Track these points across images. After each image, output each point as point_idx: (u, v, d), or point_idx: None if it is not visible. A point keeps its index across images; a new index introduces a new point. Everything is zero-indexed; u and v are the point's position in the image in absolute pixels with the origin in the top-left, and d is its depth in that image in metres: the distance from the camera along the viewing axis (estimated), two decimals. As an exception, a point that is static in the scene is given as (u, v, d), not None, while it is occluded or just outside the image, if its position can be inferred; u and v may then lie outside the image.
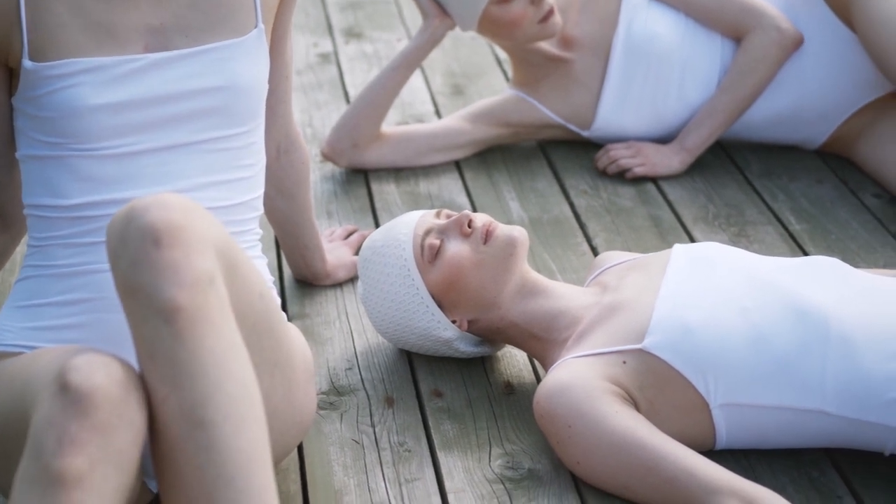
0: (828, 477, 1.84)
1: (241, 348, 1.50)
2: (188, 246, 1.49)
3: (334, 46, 3.57)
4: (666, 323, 1.83)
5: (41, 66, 1.71)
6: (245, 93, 1.78)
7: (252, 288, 1.62)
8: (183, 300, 1.47)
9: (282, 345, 1.70)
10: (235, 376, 1.48)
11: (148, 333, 1.48)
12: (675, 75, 2.79)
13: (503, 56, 3.46)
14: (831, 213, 2.63)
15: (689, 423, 1.83)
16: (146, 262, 1.48)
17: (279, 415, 1.71)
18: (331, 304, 2.30)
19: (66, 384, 1.46)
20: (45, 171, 1.75)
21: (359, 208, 2.66)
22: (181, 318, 1.47)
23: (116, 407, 1.47)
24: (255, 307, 1.62)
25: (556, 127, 2.88)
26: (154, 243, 1.48)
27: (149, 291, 1.47)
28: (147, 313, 1.48)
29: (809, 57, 2.75)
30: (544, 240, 2.52)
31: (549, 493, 1.81)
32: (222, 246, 1.55)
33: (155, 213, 1.49)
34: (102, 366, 1.48)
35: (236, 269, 1.58)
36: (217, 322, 1.49)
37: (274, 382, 1.69)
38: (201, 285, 1.48)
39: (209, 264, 1.50)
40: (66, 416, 1.45)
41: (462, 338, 2.05)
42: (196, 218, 1.51)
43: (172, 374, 1.47)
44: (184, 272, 1.47)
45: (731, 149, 2.90)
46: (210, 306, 1.48)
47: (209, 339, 1.47)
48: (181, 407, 1.47)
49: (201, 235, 1.51)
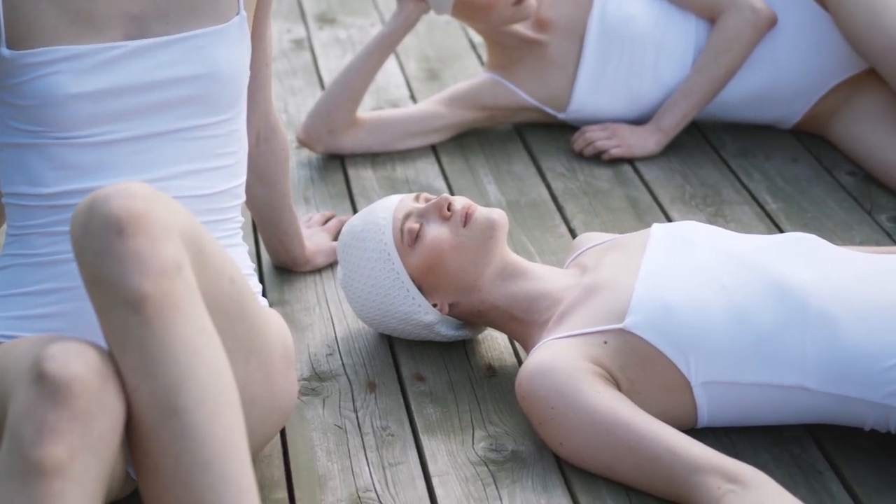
0: (809, 453, 1.85)
1: (212, 334, 1.49)
2: (152, 234, 1.48)
3: (307, 32, 3.56)
4: (646, 302, 1.83)
5: (19, 55, 1.70)
6: (226, 80, 1.77)
7: (222, 274, 1.61)
8: (149, 288, 1.46)
9: (257, 331, 1.70)
10: (207, 362, 1.48)
11: (116, 323, 1.47)
12: (649, 56, 2.79)
13: (477, 40, 3.46)
14: (807, 191, 2.64)
15: (670, 402, 1.83)
16: (110, 252, 1.47)
17: (258, 401, 1.71)
18: (310, 290, 2.29)
19: (43, 373, 1.45)
20: (24, 160, 1.74)
21: (336, 194, 2.65)
22: (148, 306, 1.46)
23: (94, 395, 1.46)
24: (225, 293, 1.62)
25: (531, 109, 2.88)
26: (117, 233, 1.47)
27: (114, 281, 1.46)
28: (114, 303, 1.47)
29: (783, 36, 2.76)
30: (522, 222, 2.52)
31: (532, 475, 1.81)
32: (189, 232, 1.54)
33: (117, 202, 1.48)
34: (79, 354, 1.48)
35: (204, 256, 1.57)
36: (186, 309, 1.48)
37: (250, 369, 1.68)
38: (168, 273, 1.47)
39: (175, 251, 1.49)
40: (44, 406, 1.44)
41: (443, 321, 2.05)
42: (159, 205, 1.50)
43: (143, 363, 1.46)
44: (149, 260, 1.46)
45: (707, 129, 2.91)
46: (178, 293, 1.48)
47: (178, 326, 1.47)
48: (153, 395, 1.46)
49: (165, 223, 1.49)
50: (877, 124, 2.69)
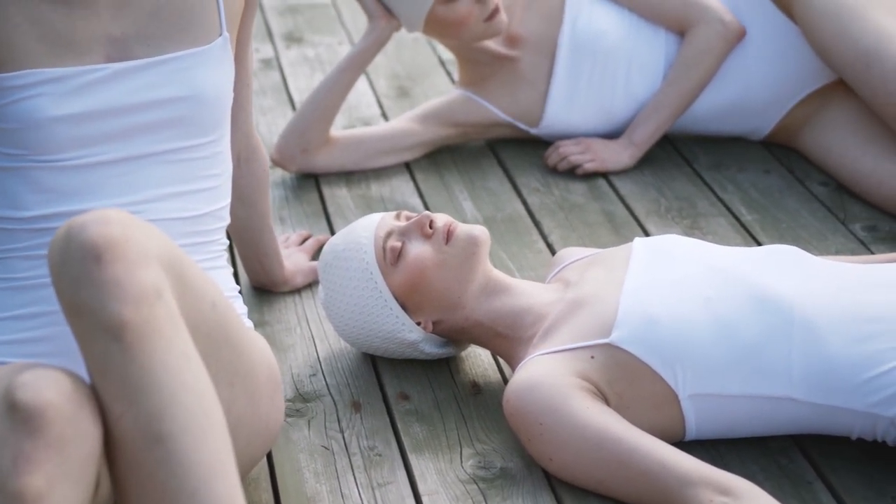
0: (797, 463, 1.86)
1: (195, 359, 1.48)
2: (130, 260, 1.46)
3: (275, 52, 3.55)
4: (632, 316, 1.84)
5: (0, 77, 1.68)
6: (209, 102, 1.76)
7: (203, 298, 1.59)
8: (129, 315, 1.44)
9: (241, 354, 1.68)
10: (191, 388, 1.45)
11: (97, 352, 1.45)
12: (620, 71, 2.80)
13: (446, 56, 3.46)
14: (780, 202, 2.66)
15: (658, 416, 1.83)
16: (88, 279, 1.44)
17: (243, 424, 1.69)
18: (290, 310, 2.28)
19: (14, 403, 1.43)
20: (5, 183, 1.72)
21: (311, 213, 2.64)
22: (129, 333, 1.44)
23: (69, 422, 1.44)
24: (207, 317, 1.60)
25: (504, 125, 2.88)
26: (95, 260, 1.45)
27: (94, 309, 1.44)
28: (94, 332, 1.45)
29: (752, 48, 2.78)
30: (500, 238, 2.52)
31: (523, 492, 1.81)
32: (168, 257, 1.52)
33: (93, 229, 1.46)
34: (51, 381, 1.45)
35: (185, 280, 1.55)
36: (167, 334, 1.46)
37: (235, 392, 1.67)
38: (147, 299, 1.45)
39: (154, 277, 1.47)
40: (18, 435, 1.42)
41: (427, 339, 2.04)
42: (136, 231, 1.48)
43: (125, 390, 1.44)
44: (127, 287, 1.44)
45: (679, 142, 2.92)
46: (158, 319, 1.46)
47: (160, 352, 1.45)
48: (137, 423, 1.44)
49: (143, 248, 1.48)
50: (847, 134, 2.72)
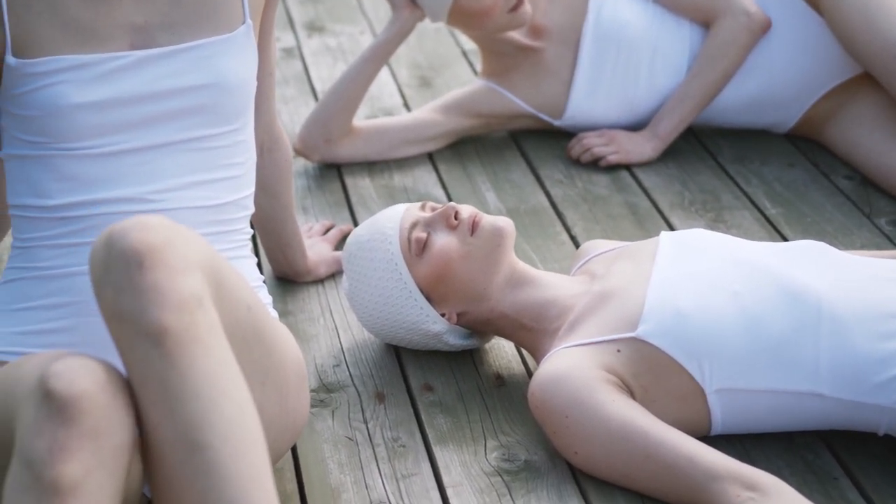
0: (823, 459, 1.85)
1: (234, 368, 1.46)
2: (171, 267, 1.45)
3: (297, 41, 3.54)
4: (659, 310, 1.83)
5: (24, 63, 1.68)
6: (232, 90, 1.75)
7: (240, 302, 1.59)
8: (170, 321, 1.43)
9: (272, 353, 1.68)
10: (230, 396, 1.44)
11: (137, 358, 1.45)
12: (644, 62, 2.79)
13: (468, 47, 3.45)
14: (805, 196, 2.64)
15: (684, 410, 1.83)
16: (129, 286, 1.44)
17: (273, 422, 1.69)
18: (313, 300, 2.28)
19: (49, 392, 1.43)
20: (29, 171, 1.72)
21: (334, 203, 2.64)
22: (169, 339, 1.43)
23: (104, 411, 1.44)
24: (243, 320, 1.60)
25: (527, 116, 2.87)
26: (136, 266, 1.44)
27: (135, 316, 1.44)
28: (135, 338, 1.44)
29: (778, 41, 2.76)
30: (523, 230, 2.51)
31: (547, 484, 1.80)
32: (208, 263, 1.52)
33: (135, 235, 1.46)
34: (85, 371, 1.45)
35: (222, 285, 1.55)
36: (207, 342, 1.45)
37: (266, 391, 1.67)
38: (188, 306, 1.44)
39: (195, 284, 1.46)
40: (53, 425, 1.42)
41: (451, 331, 2.03)
42: (177, 238, 1.48)
43: (165, 397, 1.43)
44: (169, 294, 1.44)
45: (703, 134, 2.91)
46: (199, 326, 1.45)
47: (200, 359, 1.44)
48: (176, 430, 1.43)
49: (184, 256, 1.47)
50: (873, 128, 2.70)
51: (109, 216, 1.70)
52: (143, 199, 1.71)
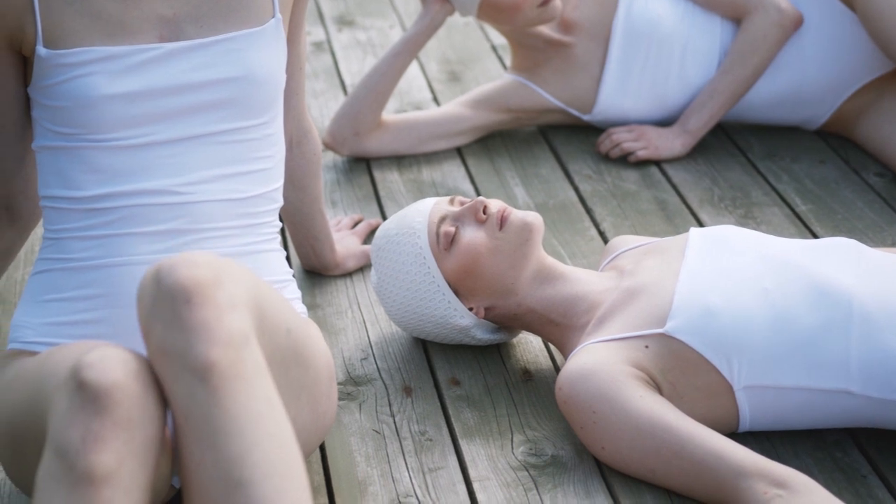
0: (851, 457, 1.84)
1: (278, 406, 1.46)
2: (219, 304, 1.46)
3: (327, 35, 3.55)
4: (687, 306, 1.82)
5: (54, 54, 1.69)
6: (261, 84, 1.76)
7: (280, 327, 1.61)
8: (216, 357, 1.44)
9: (308, 367, 1.69)
10: (273, 435, 1.44)
11: (182, 393, 1.45)
12: (675, 57, 2.78)
13: (498, 41, 3.45)
14: (836, 193, 2.63)
15: (712, 406, 1.82)
16: (177, 322, 1.45)
17: (305, 427, 1.71)
18: (342, 293, 2.28)
19: (83, 382, 1.44)
20: (59, 163, 1.73)
21: (363, 197, 2.64)
22: (215, 375, 1.44)
23: (136, 401, 1.45)
24: (282, 344, 1.61)
25: (556, 111, 2.87)
26: (184, 302, 1.45)
27: (181, 351, 1.45)
28: (180, 373, 1.45)
29: (809, 37, 2.75)
30: (552, 225, 2.51)
31: (573, 479, 1.80)
32: (252, 295, 1.53)
33: (183, 272, 1.47)
34: (118, 361, 1.46)
35: (265, 312, 1.56)
36: (252, 380, 1.45)
37: (300, 405, 1.68)
38: (234, 343, 1.45)
39: (242, 322, 1.47)
40: (87, 414, 1.43)
41: (479, 325, 2.03)
42: (224, 274, 1.49)
43: (208, 433, 1.43)
44: (216, 330, 1.45)
45: (733, 130, 2.89)
46: (244, 364, 1.45)
47: (244, 396, 1.44)
48: (218, 466, 1.42)
49: (231, 293, 1.48)
50: (905, 125, 2.68)
51: (138, 208, 1.71)
52: (172, 192, 1.72)
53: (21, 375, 1.66)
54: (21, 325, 1.75)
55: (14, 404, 1.64)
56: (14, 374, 1.68)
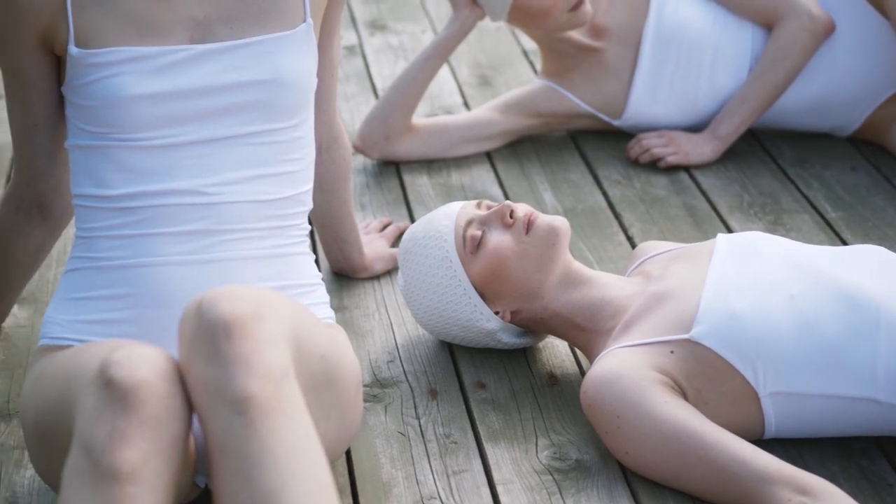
0: (878, 465, 1.83)
1: (315, 441, 1.47)
2: (259, 339, 1.47)
3: (359, 39, 3.56)
4: (713, 312, 1.82)
5: (86, 53, 1.71)
6: (290, 87, 1.77)
7: (314, 353, 1.62)
8: (255, 390, 1.44)
9: (338, 387, 1.70)
10: (310, 470, 1.44)
11: (219, 425, 1.46)
12: (706, 63, 2.78)
13: (529, 46, 3.45)
14: (867, 200, 2.62)
15: (737, 412, 1.82)
16: (217, 355, 1.46)
17: (333, 441, 1.72)
18: (369, 296, 2.29)
19: (110, 380, 1.46)
20: (90, 161, 1.75)
21: (392, 200, 2.65)
22: (253, 408, 1.44)
23: (163, 400, 1.47)
24: (315, 370, 1.63)
25: (586, 116, 2.87)
26: (225, 336, 1.47)
27: (220, 384, 1.45)
28: (218, 405, 1.46)
29: (841, 43, 2.74)
30: (580, 230, 2.51)
31: (597, 484, 1.80)
32: (291, 325, 1.54)
33: (224, 306, 1.48)
34: (145, 360, 1.48)
35: (302, 341, 1.57)
36: (290, 414, 1.46)
37: (329, 423, 1.69)
38: (274, 377, 1.46)
39: (282, 357, 1.48)
40: (113, 411, 1.45)
41: (505, 329, 2.04)
42: (266, 308, 1.50)
43: (244, 465, 1.43)
44: (256, 364, 1.46)
45: (763, 137, 2.89)
46: (283, 398, 1.46)
47: (282, 430, 1.44)
48: (253, 500, 1.42)
49: (272, 328, 1.49)
50: (938, 133, 2.67)
51: (166, 207, 1.72)
52: (200, 192, 1.73)
53: (50, 372, 1.68)
54: (52, 321, 1.77)
55: (43, 400, 1.66)
56: (42, 370, 1.70)
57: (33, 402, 1.68)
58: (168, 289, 1.72)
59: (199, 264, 1.73)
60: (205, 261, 1.73)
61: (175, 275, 1.72)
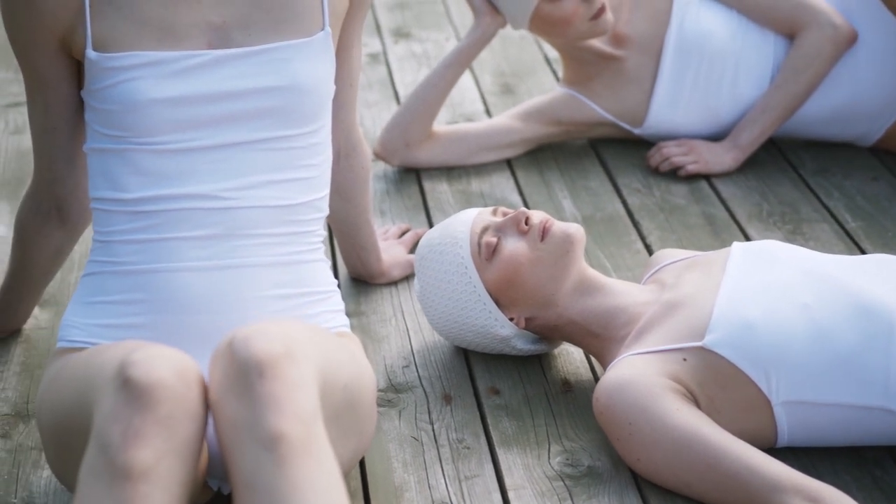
0: (891, 475, 1.82)
1: (340, 481, 1.48)
2: (291, 381, 1.49)
3: (383, 46, 3.58)
4: (726, 320, 1.82)
5: (104, 57, 1.73)
6: (307, 93, 1.78)
7: (337, 384, 1.64)
8: (286, 428, 1.46)
9: (358, 411, 1.72)
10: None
11: (247, 462, 1.47)
12: (727, 72, 2.78)
13: (552, 55, 3.46)
14: (888, 210, 2.61)
15: (750, 421, 1.82)
16: (249, 394, 1.48)
17: (349, 456, 1.73)
18: (386, 302, 2.30)
19: (128, 379, 1.47)
20: (107, 164, 1.77)
21: (412, 207, 2.66)
22: (283, 445, 1.45)
23: (179, 400, 1.48)
24: (337, 400, 1.64)
25: (607, 125, 2.87)
26: (258, 376, 1.48)
27: (251, 422, 1.47)
28: (247, 442, 1.47)
29: (863, 53, 2.73)
30: (598, 238, 2.52)
31: (609, 491, 1.80)
32: (319, 362, 1.56)
33: (257, 345, 1.50)
34: (163, 360, 1.50)
35: (327, 377, 1.59)
36: (319, 455, 1.47)
37: (349, 442, 1.71)
38: (304, 418, 1.47)
39: (312, 399, 1.49)
40: (129, 411, 1.46)
41: (519, 335, 2.05)
42: (296, 347, 1.52)
43: (271, 502, 1.44)
44: (288, 404, 1.47)
45: (785, 146, 2.88)
46: (312, 439, 1.47)
47: (310, 470, 1.45)
48: None
49: (303, 369, 1.51)
50: (960, 143, 2.66)
51: (182, 212, 1.74)
52: (217, 196, 1.75)
53: (68, 372, 1.69)
54: (70, 324, 1.79)
55: (60, 400, 1.67)
56: (60, 369, 1.72)
57: (50, 402, 1.70)
58: (184, 294, 1.73)
59: (215, 270, 1.75)
60: (221, 267, 1.75)
61: (191, 281, 1.74)
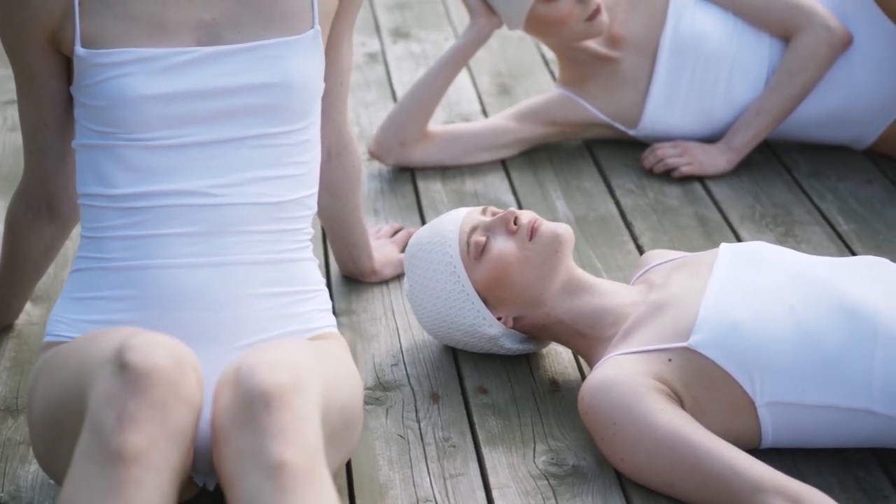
0: (874, 476, 1.83)
1: None
2: (297, 411, 1.50)
3: (382, 46, 3.59)
4: (712, 321, 1.83)
5: (92, 54, 1.74)
6: (296, 91, 1.79)
7: (335, 406, 1.65)
8: (289, 457, 1.47)
9: (351, 427, 1.74)
10: None
11: (248, 489, 1.47)
12: (722, 74, 2.78)
13: (550, 56, 3.47)
14: (881, 213, 2.61)
15: (734, 422, 1.82)
16: (254, 424, 1.49)
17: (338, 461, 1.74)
18: (377, 300, 2.31)
19: (125, 363, 1.49)
20: (96, 160, 1.78)
21: (405, 206, 2.67)
22: (286, 475, 1.46)
23: (174, 386, 1.50)
24: (335, 421, 1.66)
25: (602, 126, 2.88)
26: (264, 406, 1.49)
27: (255, 451, 1.48)
28: (250, 469, 1.48)
29: (858, 56, 2.73)
30: (590, 238, 2.52)
31: (592, 490, 1.81)
32: (322, 391, 1.57)
33: (263, 375, 1.51)
34: (161, 347, 1.52)
35: (328, 403, 1.61)
36: (319, 486, 1.48)
37: (340, 451, 1.72)
38: (308, 449, 1.49)
39: (317, 433, 1.51)
40: (124, 394, 1.48)
41: (507, 335, 2.05)
42: (301, 378, 1.53)
43: None
44: (293, 435, 1.48)
45: (779, 148, 2.88)
46: (314, 470, 1.48)
47: (310, 499, 1.46)
48: None
49: (308, 400, 1.52)
50: (953, 147, 2.66)
51: (170, 208, 1.75)
52: (205, 193, 1.76)
53: (60, 361, 1.69)
54: (58, 319, 1.80)
55: (52, 388, 1.68)
56: (51, 357, 1.72)
57: (42, 390, 1.70)
58: (173, 291, 1.74)
59: (205, 267, 1.76)
60: (210, 264, 1.76)
61: (180, 278, 1.75)
